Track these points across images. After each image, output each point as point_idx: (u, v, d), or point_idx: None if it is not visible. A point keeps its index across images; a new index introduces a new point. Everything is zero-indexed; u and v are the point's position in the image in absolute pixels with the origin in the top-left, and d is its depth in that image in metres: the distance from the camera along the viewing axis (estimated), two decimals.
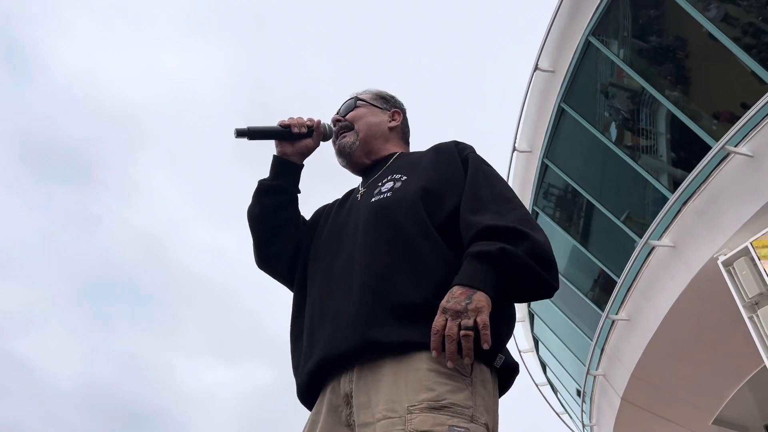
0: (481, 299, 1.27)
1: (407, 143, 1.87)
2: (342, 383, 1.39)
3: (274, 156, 1.75)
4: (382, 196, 1.57)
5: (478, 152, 1.67)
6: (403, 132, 1.85)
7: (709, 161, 6.10)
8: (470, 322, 1.24)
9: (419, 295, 1.36)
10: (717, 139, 6.05)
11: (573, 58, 7.49)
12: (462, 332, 1.23)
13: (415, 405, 1.23)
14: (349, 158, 1.76)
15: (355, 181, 1.84)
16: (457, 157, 1.61)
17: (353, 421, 1.34)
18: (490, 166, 1.61)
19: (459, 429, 1.21)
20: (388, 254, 1.43)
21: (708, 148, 6.15)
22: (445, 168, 1.59)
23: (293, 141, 1.73)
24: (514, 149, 8.81)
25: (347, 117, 1.79)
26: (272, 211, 1.70)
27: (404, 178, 1.59)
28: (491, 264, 1.32)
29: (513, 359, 1.46)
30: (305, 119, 1.75)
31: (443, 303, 1.28)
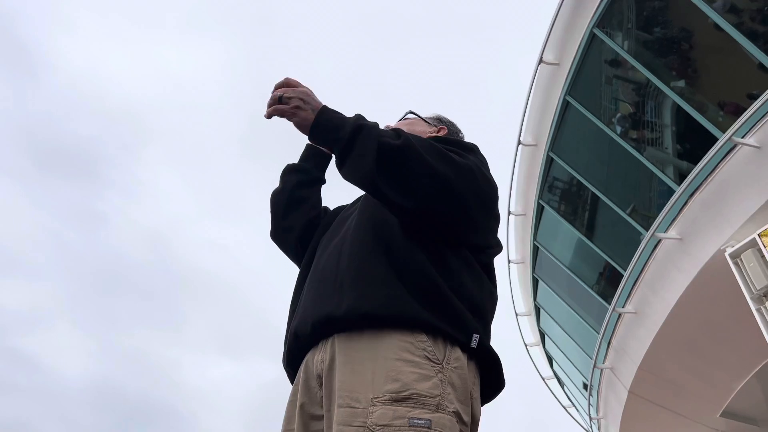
0: (310, 107, 1.44)
1: None
2: (315, 363, 1.40)
3: (306, 143, 1.89)
4: None
5: (481, 152, 1.68)
6: None
7: (716, 153, 6.06)
8: (289, 95, 1.44)
9: (389, 274, 1.38)
10: (723, 131, 6.00)
11: (578, 50, 7.45)
12: (278, 92, 1.45)
13: (378, 397, 1.23)
14: None
15: None
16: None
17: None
18: (472, 155, 1.61)
19: (419, 421, 1.20)
20: (370, 236, 1.47)
21: (714, 139, 6.11)
22: None
23: None
24: (519, 143, 8.78)
25: (394, 125, 1.88)
26: (291, 188, 1.81)
27: None
28: (348, 120, 1.42)
29: (491, 348, 1.45)
30: None
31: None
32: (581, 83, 7.68)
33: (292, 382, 1.53)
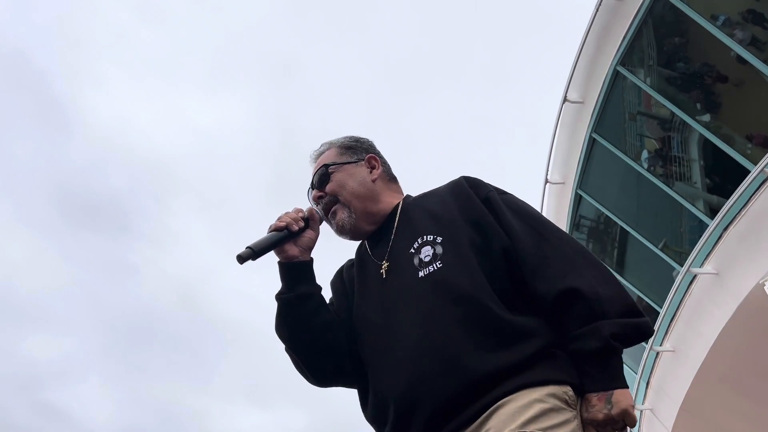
0: (618, 399, 1.27)
1: (394, 181, 1.72)
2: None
3: (281, 264, 1.55)
4: (432, 267, 1.44)
5: (490, 183, 1.60)
6: (387, 174, 1.70)
7: (749, 185, 6.00)
8: (618, 426, 1.28)
9: (504, 361, 1.33)
10: (754, 163, 5.96)
11: (602, 88, 7.51)
12: None
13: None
14: (352, 233, 1.62)
15: None
16: (475, 198, 1.52)
17: None
18: (512, 196, 1.56)
19: None
20: (463, 330, 1.36)
21: (745, 171, 6.06)
22: (473, 215, 1.49)
23: (296, 240, 1.56)
24: (547, 181, 8.79)
25: (327, 190, 1.62)
26: (306, 323, 1.52)
27: (439, 239, 1.47)
28: (608, 355, 1.30)
29: None
30: (294, 212, 1.56)
31: (585, 415, 1.29)
32: (607, 120, 7.72)
33: None
